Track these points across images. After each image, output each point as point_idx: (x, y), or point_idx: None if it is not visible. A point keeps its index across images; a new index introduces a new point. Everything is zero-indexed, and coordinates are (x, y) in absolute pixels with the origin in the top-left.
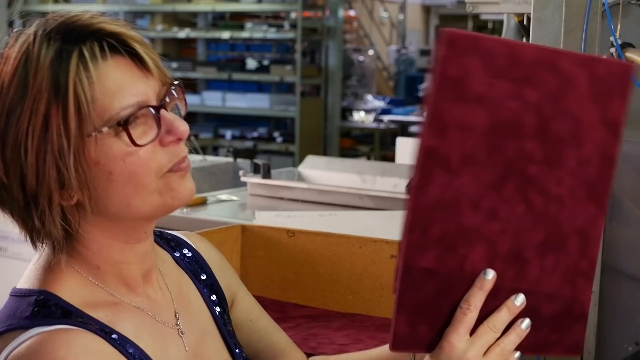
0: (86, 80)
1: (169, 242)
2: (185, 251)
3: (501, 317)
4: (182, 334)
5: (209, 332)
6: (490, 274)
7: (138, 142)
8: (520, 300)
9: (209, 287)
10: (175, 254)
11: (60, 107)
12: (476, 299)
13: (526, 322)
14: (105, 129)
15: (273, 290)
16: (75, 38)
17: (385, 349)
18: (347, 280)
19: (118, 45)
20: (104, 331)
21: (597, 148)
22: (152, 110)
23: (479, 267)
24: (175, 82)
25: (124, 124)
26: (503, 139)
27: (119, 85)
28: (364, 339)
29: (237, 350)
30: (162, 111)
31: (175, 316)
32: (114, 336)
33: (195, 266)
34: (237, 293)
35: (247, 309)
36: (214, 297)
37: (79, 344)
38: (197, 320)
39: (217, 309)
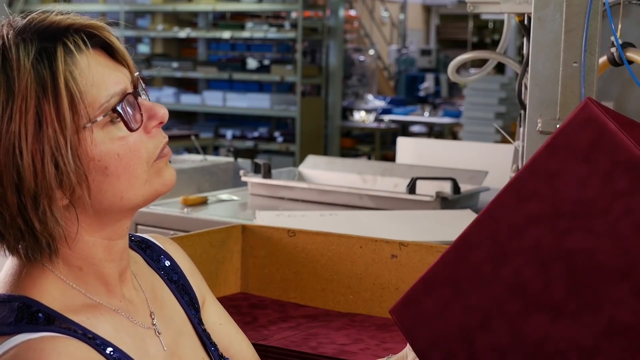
0: (77, 73)
1: (140, 245)
2: (156, 253)
3: None
4: (159, 334)
5: (184, 331)
6: None
7: (130, 127)
8: None
9: (181, 287)
10: (146, 255)
11: (52, 103)
12: None
13: None
14: (100, 118)
15: (273, 290)
16: (52, 35)
17: None
18: (348, 280)
19: (93, 38)
20: (87, 336)
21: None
22: (133, 98)
23: None
24: (136, 73)
25: (117, 111)
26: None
27: (101, 76)
28: (364, 338)
29: (212, 348)
30: (139, 98)
31: (151, 316)
32: (97, 341)
33: (166, 267)
34: (206, 297)
35: (216, 313)
36: (186, 298)
37: (67, 351)
38: (172, 320)
39: (190, 309)
